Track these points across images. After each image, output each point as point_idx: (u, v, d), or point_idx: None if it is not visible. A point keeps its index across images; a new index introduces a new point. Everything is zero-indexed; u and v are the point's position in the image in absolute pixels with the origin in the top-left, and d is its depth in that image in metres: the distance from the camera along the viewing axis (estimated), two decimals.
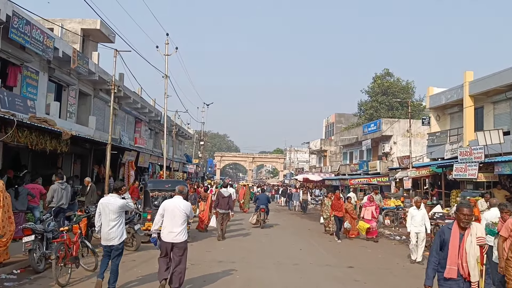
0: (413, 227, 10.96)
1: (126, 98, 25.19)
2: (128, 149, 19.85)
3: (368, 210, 15.04)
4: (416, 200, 11.37)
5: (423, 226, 10.93)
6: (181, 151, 46.04)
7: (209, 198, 16.66)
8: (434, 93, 25.02)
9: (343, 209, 14.96)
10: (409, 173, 20.74)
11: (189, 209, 7.13)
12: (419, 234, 10.93)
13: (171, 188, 11.39)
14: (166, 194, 11.57)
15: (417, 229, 10.94)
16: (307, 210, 27.34)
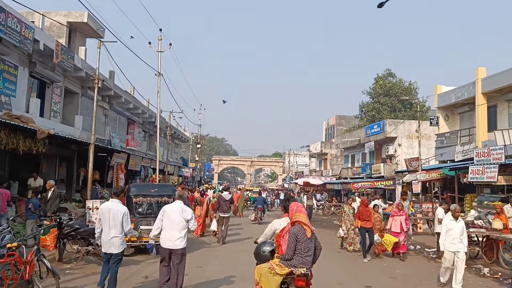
0: (450, 244, 8.32)
1: (117, 97, 23.84)
2: (117, 151, 18.47)
3: (396, 220, 12.45)
4: (454, 208, 8.69)
5: (462, 243, 8.37)
6: (177, 155, 44.65)
7: (205, 203, 16.10)
8: (443, 92, 23.73)
9: (372, 219, 12.25)
10: (419, 176, 19.38)
11: (190, 214, 6.82)
12: (458, 254, 8.27)
13: (157, 193, 10.08)
14: (152, 199, 10.23)
15: (455, 247, 8.29)
16: (311, 217, 24.40)
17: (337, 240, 14.40)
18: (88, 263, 9.12)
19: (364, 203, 12.47)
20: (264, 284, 5.38)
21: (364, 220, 12.00)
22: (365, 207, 12.33)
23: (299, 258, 5.29)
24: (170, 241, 6.61)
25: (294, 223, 5.46)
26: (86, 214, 12.80)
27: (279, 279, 5.28)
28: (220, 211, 13.79)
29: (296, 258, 5.29)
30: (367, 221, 12.01)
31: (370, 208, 12.61)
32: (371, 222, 12.08)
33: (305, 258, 5.32)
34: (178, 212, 6.72)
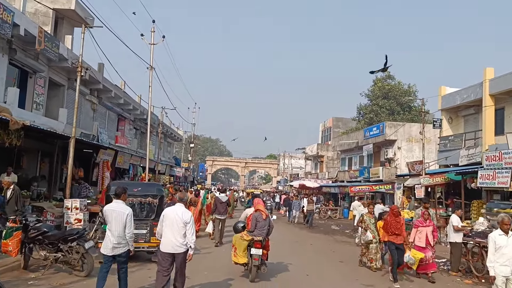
0: (503, 266, 6.45)
1: (107, 91, 22.69)
2: (103, 147, 17.32)
3: (421, 232, 10.15)
4: (502, 220, 6.72)
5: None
6: (170, 154, 43.47)
7: (199, 203, 15.81)
8: (447, 93, 22.79)
9: (404, 232, 9.77)
10: (422, 181, 18.40)
11: (190, 218, 6.65)
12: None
13: (141, 193, 8.98)
14: (134, 200, 9.09)
15: (509, 270, 6.44)
16: (312, 224, 22.37)
17: (347, 250, 13.38)
18: (58, 272, 8.00)
19: (394, 212, 9.89)
20: (237, 245, 8.97)
21: (393, 234, 9.55)
22: (395, 218, 9.73)
23: (258, 231, 8.91)
24: (170, 245, 6.52)
25: (256, 210, 9.29)
26: (64, 214, 11.74)
27: (245, 243, 8.85)
28: (217, 213, 13.82)
29: (256, 231, 8.91)
30: (398, 236, 9.55)
31: (402, 219, 10.10)
32: (402, 236, 9.63)
33: (261, 231, 8.94)
34: (179, 216, 6.58)
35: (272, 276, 9.22)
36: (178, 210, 6.68)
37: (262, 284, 8.61)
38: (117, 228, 6.48)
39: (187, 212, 6.75)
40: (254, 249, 8.64)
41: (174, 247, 6.50)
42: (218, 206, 13.95)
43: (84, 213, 11.72)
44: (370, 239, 10.77)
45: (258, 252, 8.60)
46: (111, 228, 6.53)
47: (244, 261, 8.86)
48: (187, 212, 6.73)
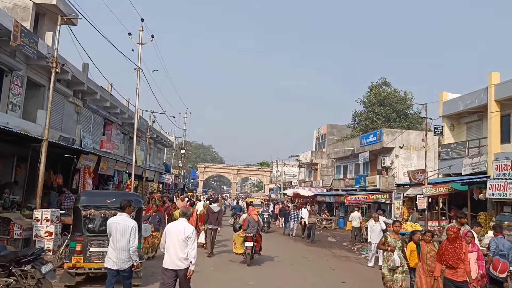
0: None
1: (92, 93, 21.48)
2: (84, 151, 16.06)
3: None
4: None
5: None
6: (159, 160, 42.17)
7: (194, 213, 15.61)
8: (448, 99, 21.83)
9: (467, 264, 7.03)
10: (425, 191, 17.33)
11: (192, 233, 6.45)
12: None
13: (115, 205, 7.78)
14: (107, 213, 7.86)
15: None
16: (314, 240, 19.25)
17: (348, 268, 12.35)
18: None
19: (451, 235, 6.97)
20: (236, 240, 12.37)
21: (451, 268, 6.83)
22: (453, 243, 6.93)
23: (249, 229, 12.25)
24: (173, 262, 6.35)
25: (249, 215, 13.01)
26: (33, 226, 10.49)
27: (241, 238, 12.17)
28: (208, 224, 13.80)
29: (248, 230, 12.25)
30: (456, 270, 6.80)
31: (464, 244, 7.19)
32: (465, 268, 6.87)
33: (252, 229, 12.30)
34: (180, 231, 6.41)
35: None
36: (180, 225, 6.51)
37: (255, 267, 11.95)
38: (122, 242, 6.42)
39: (189, 226, 6.55)
40: (247, 242, 12.14)
41: (176, 264, 6.34)
42: (210, 216, 13.87)
43: (56, 225, 10.49)
44: (398, 264, 8.10)
45: (250, 244, 12.14)
46: (114, 241, 6.45)
47: (242, 251, 12.31)
48: (189, 226, 6.53)
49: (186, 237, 6.34)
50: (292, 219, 21.96)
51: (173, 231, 6.44)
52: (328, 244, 19.07)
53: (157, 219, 12.49)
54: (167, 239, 6.44)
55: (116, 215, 6.84)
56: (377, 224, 13.64)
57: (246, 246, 11.99)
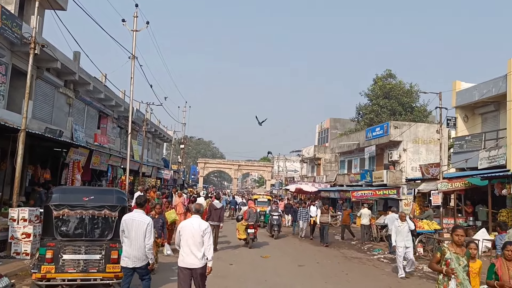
0: None
1: (84, 84, 20.27)
2: (73, 144, 14.88)
3: None
4: None
5: None
6: (158, 155, 41.00)
7: None
8: (462, 89, 20.59)
9: None
10: (440, 186, 16.14)
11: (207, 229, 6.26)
12: None
13: (94, 204, 6.59)
14: (84, 213, 6.66)
15: None
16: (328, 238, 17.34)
17: (363, 272, 11.19)
18: None
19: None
20: (239, 228, 15.41)
21: None
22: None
23: (250, 219, 15.35)
24: (189, 259, 6.17)
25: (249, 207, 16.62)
26: (9, 227, 9.32)
27: (244, 226, 15.21)
28: (211, 220, 13.39)
29: (249, 219, 15.33)
30: None
31: None
32: None
33: (252, 219, 15.43)
34: (195, 228, 6.25)
35: None
36: (195, 222, 6.33)
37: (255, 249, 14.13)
38: (138, 239, 6.24)
39: (204, 223, 6.41)
40: (249, 229, 15.06)
41: (192, 262, 6.16)
42: (213, 213, 13.91)
43: (34, 225, 9.31)
44: None
45: (251, 231, 15.08)
46: (130, 238, 6.25)
47: (244, 237, 15.19)
48: (204, 223, 6.39)
49: (202, 234, 6.16)
50: (302, 218, 19.56)
51: (188, 228, 6.25)
52: (337, 243, 17.90)
53: (160, 223, 10.50)
54: (181, 237, 6.25)
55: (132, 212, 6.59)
56: (404, 224, 11.30)
57: (248, 233, 15.00)
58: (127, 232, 6.28)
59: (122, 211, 6.97)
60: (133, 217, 6.39)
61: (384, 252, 14.93)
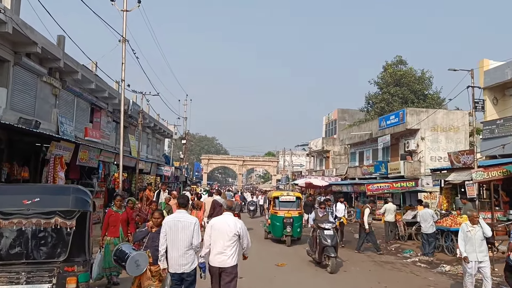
0: None
1: (71, 73, 18.34)
2: (54, 138, 12.94)
3: None
4: None
5: None
6: (159, 151, 39.08)
7: (203, 207, 15.05)
8: (491, 68, 18.52)
9: None
10: (475, 175, 14.08)
11: (242, 228, 5.93)
12: None
13: (37, 210, 4.57)
14: (24, 223, 4.62)
15: None
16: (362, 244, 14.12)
17: (402, 281, 9.16)
18: None
19: None
20: None
21: None
22: None
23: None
24: (219, 258, 5.83)
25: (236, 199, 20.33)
26: None
27: None
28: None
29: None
30: None
31: None
32: None
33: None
34: (229, 226, 5.89)
35: None
36: (229, 219, 6.03)
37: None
38: (185, 241, 5.87)
39: (239, 221, 6.11)
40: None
41: (222, 261, 5.83)
42: (217, 209, 13.33)
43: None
44: None
45: None
46: (176, 241, 5.86)
47: None
48: (239, 221, 6.09)
49: (236, 233, 5.87)
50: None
51: (220, 226, 5.95)
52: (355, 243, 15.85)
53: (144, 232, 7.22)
54: (212, 233, 5.94)
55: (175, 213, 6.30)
56: (475, 228, 7.93)
57: None
58: (173, 235, 5.86)
59: (83, 218, 4.98)
60: (178, 218, 6.02)
61: (417, 254, 12.94)
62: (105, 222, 8.35)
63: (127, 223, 8.54)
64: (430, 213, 12.60)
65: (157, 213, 6.83)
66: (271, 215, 15.56)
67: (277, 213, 15.09)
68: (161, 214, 6.80)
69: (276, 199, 15.73)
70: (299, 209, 15.55)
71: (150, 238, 6.50)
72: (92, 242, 5.32)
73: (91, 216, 5.17)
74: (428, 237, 12.51)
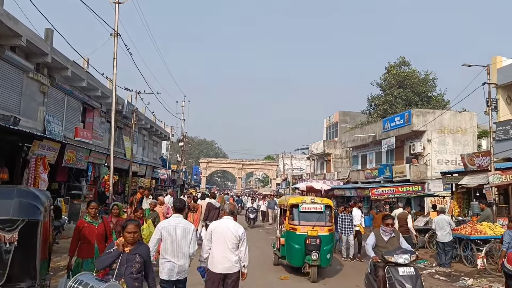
0: None
1: (60, 69, 17.30)
2: (37, 136, 11.89)
3: None
4: None
5: None
6: (156, 154, 38.03)
7: (200, 209, 14.31)
8: (504, 65, 17.53)
9: None
10: (491, 179, 13.06)
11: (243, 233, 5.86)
12: None
13: None
14: None
15: None
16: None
17: None
18: None
19: None
20: None
21: None
22: None
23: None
24: (222, 264, 5.71)
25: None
26: None
27: None
28: (209, 220, 12.66)
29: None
30: None
31: None
32: None
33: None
34: (230, 230, 5.80)
35: None
36: (230, 224, 5.88)
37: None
38: (183, 247, 5.61)
39: (240, 226, 5.95)
40: None
41: (225, 267, 5.71)
42: (212, 212, 13.45)
43: None
44: None
45: None
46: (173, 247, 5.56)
47: None
48: (239, 226, 5.95)
49: (237, 238, 5.77)
50: (345, 228, 13.13)
51: (222, 230, 5.82)
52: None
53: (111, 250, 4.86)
54: (213, 239, 5.79)
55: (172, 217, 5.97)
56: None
57: None
58: (170, 241, 5.60)
59: (30, 230, 3.86)
60: (177, 223, 5.74)
61: (432, 264, 11.87)
62: (75, 237, 6.37)
63: (105, 238, 6.50)
64: (446, 219, 11.49)
65: (131, 225, 4.68)
66: (286, 232, 10.61)
67: (296, 230, 10.23)
68: (137, 226, 4.78)
69: (295, 208, 10.71)
70: (329, 224, 10.53)
71: (124, 261, 4.50)
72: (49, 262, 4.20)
73: (47, 226, 4.08)
74: (444, 246, 11.43)
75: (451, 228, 11.49)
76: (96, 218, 6.60)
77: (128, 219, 7.18)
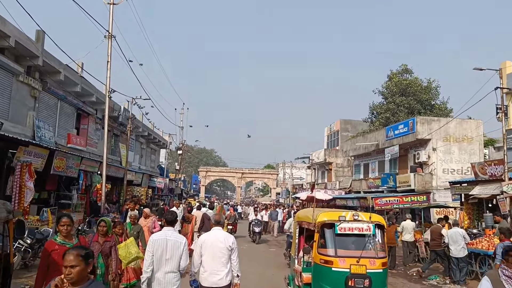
0: None
1: (52, 73, 16.69)
2: (22, 142, 11.15)
3: None
4: None
5: None
6: (154, 163, 37.26)
7: (194, 220, 14.08)
8: None
9: None
10: (506, 188, 12.30)
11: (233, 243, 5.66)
12: None
13: None
14: None
15: None
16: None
17: None
18: None
19: None
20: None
21: None
22: None
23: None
24: (212, 277, 5.50)
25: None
26: None
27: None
28: (204, 230, 12.39)
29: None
30: None
31: None
32: None
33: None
34: (220, 241, 5.60)
35: None
36: (219, 235, 5.70)
37: None
38: (173, 261, 5.37)
39: (230, 236, 5.78)
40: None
41: (215, 281, 5.49)
42: (206, 222, 13.17)
43: None
44: None
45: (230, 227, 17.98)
46: (161, 260, 5.32)
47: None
48: (229, 236, 5.77)
49: (228, 248, 5.55)
50: None
51: (211, 243, 5.58)
52: None
53: None
54: (203, 253, 5.54)
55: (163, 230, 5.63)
56: None
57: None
58: (159, 254, 5.34)
59: None
60: (168, 236, 5.48)
61: (445, 281, 11.04)
62: (42, 265, 4.97)
63: None
64: (461, 233, 10.65)
65: (70, 255, 2.98)
66: (314, 266, 7.08)
67: (331, 264, 6.77)
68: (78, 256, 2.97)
69: (328, 229, 7.10)
70: (382, 255, 7.00)
71: None
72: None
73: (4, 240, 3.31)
74: (459, 262, 10.59)
75: (466, 242, 10.68)
76: (70, 237, 5.24)
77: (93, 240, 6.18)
